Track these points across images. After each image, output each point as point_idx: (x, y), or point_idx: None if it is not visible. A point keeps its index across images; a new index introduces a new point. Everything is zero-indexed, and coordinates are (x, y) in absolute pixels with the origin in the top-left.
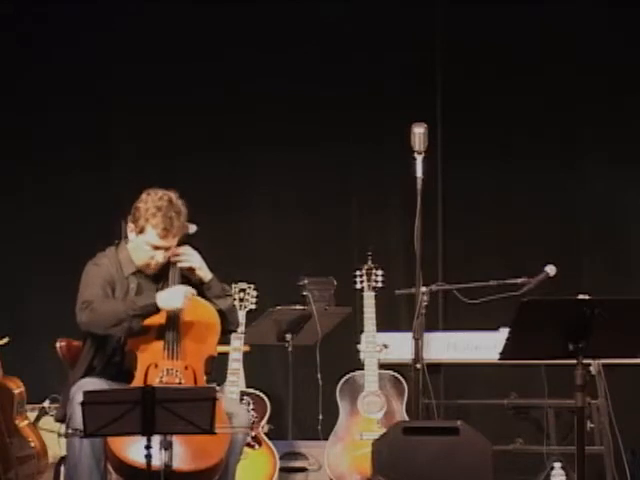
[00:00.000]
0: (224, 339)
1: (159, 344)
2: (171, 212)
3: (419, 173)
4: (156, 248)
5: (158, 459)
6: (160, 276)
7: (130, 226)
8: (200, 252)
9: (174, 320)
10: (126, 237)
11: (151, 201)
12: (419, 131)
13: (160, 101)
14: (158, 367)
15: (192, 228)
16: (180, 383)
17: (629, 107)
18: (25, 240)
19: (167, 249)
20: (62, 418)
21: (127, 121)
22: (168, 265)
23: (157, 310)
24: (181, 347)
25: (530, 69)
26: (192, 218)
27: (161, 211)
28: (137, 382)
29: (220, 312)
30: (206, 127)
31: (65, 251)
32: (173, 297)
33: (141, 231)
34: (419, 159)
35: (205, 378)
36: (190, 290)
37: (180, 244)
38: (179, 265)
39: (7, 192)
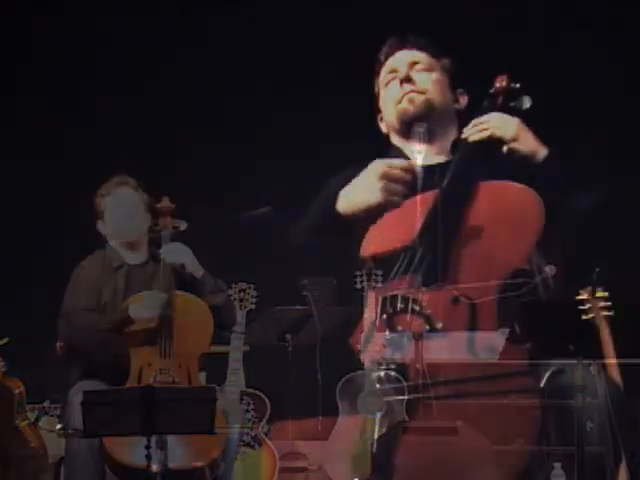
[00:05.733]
0: (224, 339)
1: (152, 343)
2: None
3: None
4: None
5: (154, 458)
6: (148, 267)
7: (99, 224)
8: (192, 249)
9: (166, 319)
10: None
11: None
12: (419, 131)
13: (159, 100)
14: (152, 366)
15: (182, 225)
16: (174, 382)
17: (629, 107)
18: (24, 240)
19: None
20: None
21: (126, 120)
22: (158, 259)
23: (132, 321)
24: (174, 346)
25: (531, 69)
26: (190, 217)
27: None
28: (131, 382)
29: (214, 308)
30: (206, 126)
31: (65, 251)
32: (143, 307)
33: (102, 211)
34: (419, 159)
35: (204, 375)
36: (162, 298)
37: (171, 241)
38: (168, 262)
39: (6, 192)
